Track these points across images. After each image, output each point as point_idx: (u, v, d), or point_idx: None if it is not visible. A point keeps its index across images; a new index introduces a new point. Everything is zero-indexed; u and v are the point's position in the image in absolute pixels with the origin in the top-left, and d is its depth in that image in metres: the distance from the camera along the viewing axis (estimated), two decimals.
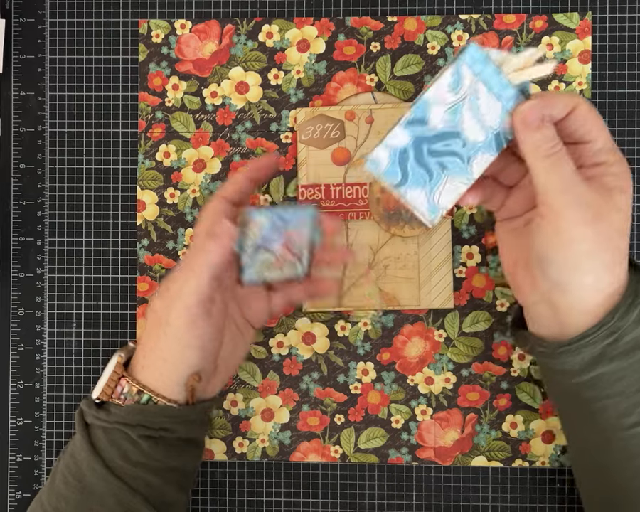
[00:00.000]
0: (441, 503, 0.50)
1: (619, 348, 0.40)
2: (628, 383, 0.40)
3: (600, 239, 0.39)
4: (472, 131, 0.40)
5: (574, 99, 0.40)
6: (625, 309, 0.40)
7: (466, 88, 0.39)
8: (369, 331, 0.51)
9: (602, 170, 0.40)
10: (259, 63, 0.51)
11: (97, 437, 0.44)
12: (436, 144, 0.40)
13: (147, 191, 0.52)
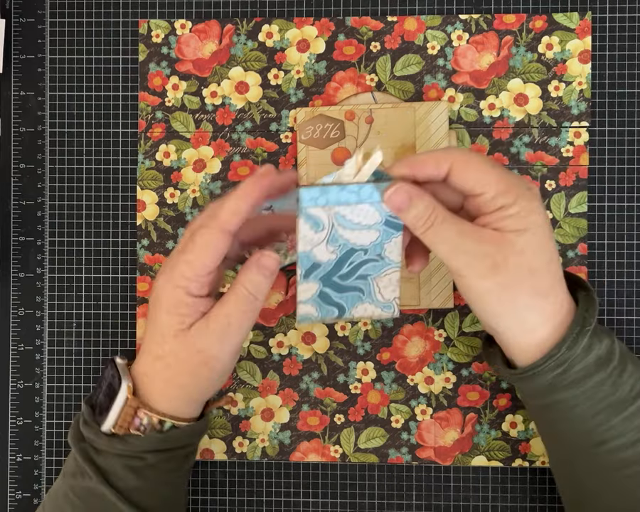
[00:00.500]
0: (441, 503, 0.50)
1: (569, 378, 0.40)
2: (583, 409, 0.41)
3: (505, 287, 0.39)
4: (363, 239, 0.41)
5: (448, 157, 0.39)
6: (572, 340, 0.40)
7: (326, 220, 0.40)
8: (369, 331, 0.51)
9: (500, 215, 0.39)
10: (259, 63, 0.51)
11: (108, 463, 0.42)
12: (342, 269, 0.42)
13: (147, 191, 0.52)
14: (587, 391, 0.40)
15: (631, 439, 0.40)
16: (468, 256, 0.39)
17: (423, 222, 0.39)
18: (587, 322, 0.40)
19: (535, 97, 0.50)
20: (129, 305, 0.52)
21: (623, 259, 0.50)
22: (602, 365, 0.40)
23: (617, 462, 0.41)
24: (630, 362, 0.41)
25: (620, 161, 0.50)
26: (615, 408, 0.40)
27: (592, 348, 0.40)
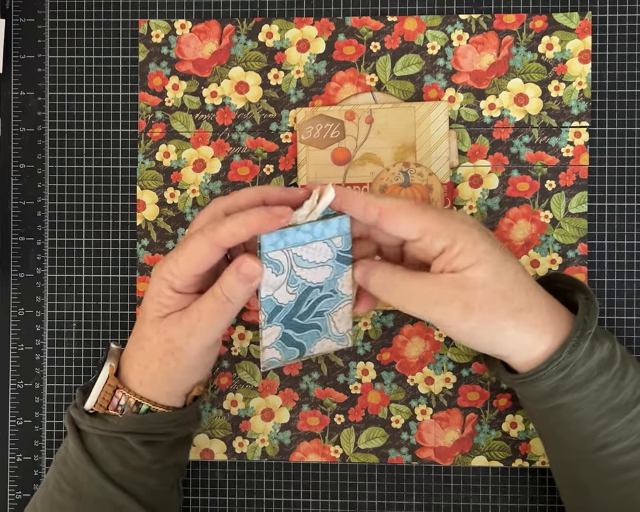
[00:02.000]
0: (441, 503, 0.50)
1: (572, 382, 0.40)
2: (586, 413, 0.41)
3: (486, 320, 0.39)
4: (318, 276, 0.43)
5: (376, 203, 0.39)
6: (574, 344, 0.40)
7: (285, 262, 0.41)
8: (369, 331, 0.51)
9: (447, 257, 0.39)
10: (259, 63, 0.51)
11: (93, 445, 0.44)
12: (301, 309, 0.43)
13: (147, 191, 0.52)
14: (590, 394, 0.40)
15: (632, 442, 0.40)
16: (439, 306, 0.39)
17: (387, 287, 0.41)
18: (588, 325, 0.40)
19: (535, 97, 0.50)
20: (129, 305, 0.52)
21: (623, 259, 0.50)
22: (605, 368, 0.40)
23: (619, 466, 0.41)
24: (631, 364, 0.41)
25: (620, 161, 0.50)
26: (618, 411, 0.40)
27: (594, 351, 0.40)
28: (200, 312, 0.41)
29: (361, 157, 0.50)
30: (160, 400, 0.44)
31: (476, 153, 0.50)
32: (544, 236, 0.50)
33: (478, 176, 0.50)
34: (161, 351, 0.43)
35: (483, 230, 0.41)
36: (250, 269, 0.40)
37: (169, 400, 0.45)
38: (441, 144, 0.50)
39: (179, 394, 0.45)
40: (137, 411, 0.44)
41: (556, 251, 0.50)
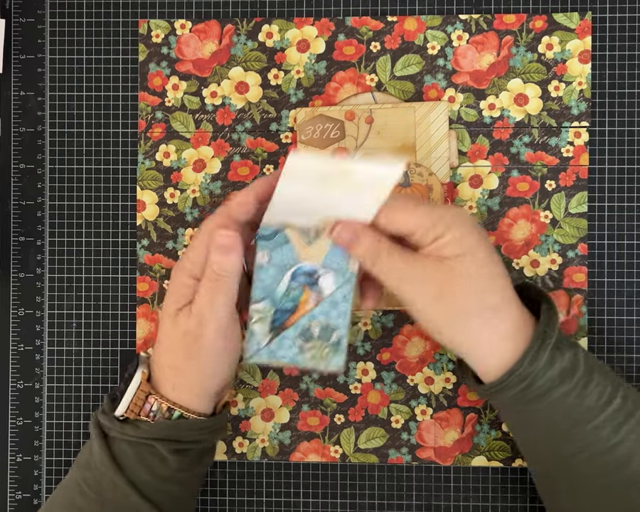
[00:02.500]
0: (441, 503, 0.50)
1: (533, 392, 0.41)
2: (551, 421, 0.41)
3: (455, 310, 0.40)
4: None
5: None
6: (533, 354, 0.40)
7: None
8: (369, 331, 0.51)
9: (436, 245, 0.40)
10: (259, 63, 0.51)
11: (120, 451, 0.43)
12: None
13: (147, 191, 0.52)
14: (554, 403, 0.41)
15: (600, 448, 0.40)
16: (415, 284, 0.40)
17: (370, 255, 0.40)
18: (548, 336, 0.41)
19: (535, 97, 0.50)
20: (129, 305, 0.52)
21: (623, 259, 0.50)
22: (567, 377, 0.41)
23: (590, 472, 0.41)
24: (596, 372, 0.41)
25: (620, 161, 0.50)
26: (583, 418, 0.41)
27: (555, 360, 0.40)
28: (200, 296, 0.42)
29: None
30: (192, 405, 0.44)
31: (476, 153, 0.50)
32: (544, 236, 0.50)
33: (478, 176, 0.50)
34: (183, 345, 0.43)
35: (476, 227, 0.41)
36: (223, 239, 0.41)
37: (200, 406, 0.44)
38: (441, 144, 0.50)
39: (211, 395, 0.45)
40: (169, 417, 0.44)
41: (556, 251, 0.50)
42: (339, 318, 0.43)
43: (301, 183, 0.39)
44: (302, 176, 0.39)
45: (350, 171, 0.38)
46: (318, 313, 0.43)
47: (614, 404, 0.40)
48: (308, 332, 0.43)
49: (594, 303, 0.50)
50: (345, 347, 0.43)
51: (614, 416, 0.40)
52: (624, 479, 0.40)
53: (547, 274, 0.50)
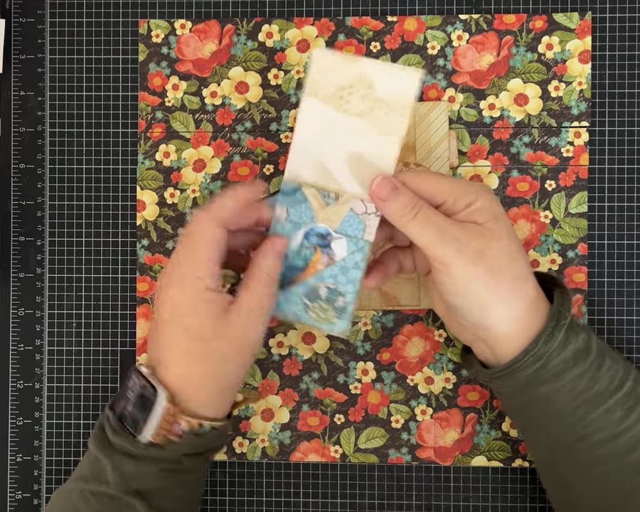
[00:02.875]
0: (441, 503, 0.50)
1: (548, 372, 0.41)
2: (563, 404, 0.41)
3: (492, 272, 0.40)
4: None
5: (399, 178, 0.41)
6: (548, 334, 0.41)
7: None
8: (369, 331, 0.51)
9: (469, 210, 0.41)
10: (259, 63, 0.51)
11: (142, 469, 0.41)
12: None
13: (147, 191, 0.52)
14: (566, 385, 0.41)
15: (611, 432, 0.40)
16: (454, 243, 0.40)
17: (410, 209, 0.40)
18: (563, 316, 0.41)
19: (535, 97, 0.50)
20: (128, 305, 0.52)
21: (623, 259, 0.50)
22: (580, 359, 0.41)
23: (598, 458, 0.41)
24: (608, 356, 0.42)
25: (620, 161, 0.50)
26: (594, 401, 0.41)
27: (569, 341, 0.41)
28: (258, 301, 0.42)
29: None
30: (219, 413, 0.43)
31: (476, 153, 0.50)
32: (544, 236, 0.50)
33: (478, 176, 0.50)
34: (233, 353, 0.42)
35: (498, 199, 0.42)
36: (282, 245, 0.42)
37: (225, 410, 0.43)
38: (441, 144, 0.50)
39: (229, 401, 0.44)
40: (198, 432, 0.42)
41: (556, 251, 0.50)
42: (348, 284, 0.43)
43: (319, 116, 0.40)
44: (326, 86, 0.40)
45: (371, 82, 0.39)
46: (327, 276, 0.43)
47: (626, 388, 0.41)
48: (315, 292, 0.43)
49: (594, 303, 0.50)
50: (350, 314, 0.43)
51: (625, 400, 0.40)
52: (629, 465, 0.40)
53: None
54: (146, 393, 0.42)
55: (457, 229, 0.40)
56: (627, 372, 0.42)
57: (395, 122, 0.40)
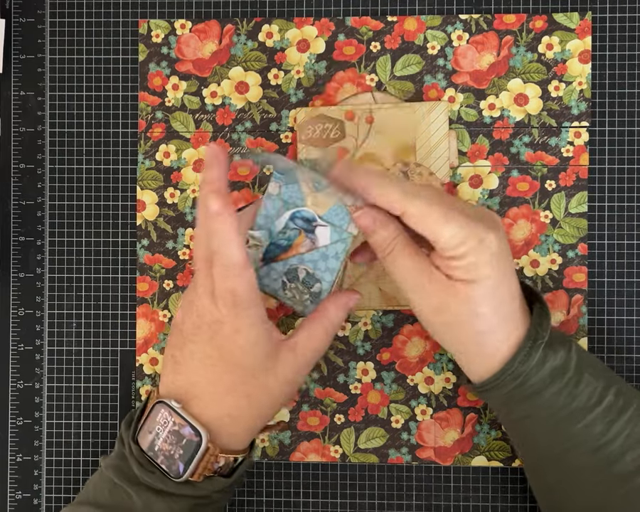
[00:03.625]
0: (441, 503, 0.50)
1: (526, 390, 0.41)
2: (543, 420, 0.41)
3: (451, 326, 0.41)
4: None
5: (402, 203, 0.39)
6: (525, 354, 0.40)
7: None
8: (369, 331, 0.51)
9: (449, 264, 0.39)
10: (259, 63, 0.51)
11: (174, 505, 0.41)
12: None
13: (147, 191, 0.52)
14: (545, 401, 0.41)
15: (592, 446, 0.41)
16: (418, 290, 0.40)
17: (383, 248, 0.41)
18: (540, 336, 0.41)
19: (535, 97, 0.50)
20: (128, 305, 0.52)
21: (623, 259, 0.50)
22: (557, 377, 0.41)
23: (583, 468, 0.41)
24: (587, 371, 0.41)
25: (620, 161, 0.50)
26: (574, 417, 0.41)
27: (547, 359, 0.41)
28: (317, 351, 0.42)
29: (361, 157, 0.50)
30: (247, 444, 0.43)
31: (476, 153, 0.50)
32: (544, 236, 0.50)
33: (478, 176, 0.50)
34: (284, 394, 0.42)
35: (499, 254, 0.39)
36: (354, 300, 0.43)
37: (251, 439, 0.44)
38: (441, 144, 0.50)
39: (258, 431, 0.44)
40: (234, 467, 0.43)
41: (556, 251, 0.50)
42: (325, 272, 0.43)
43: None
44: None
45: None
46: (308, 260, 0.43)
47: (605, 402, 0.41)
48: (295, 272, 0.44)
49: (594, 303, 0.50)
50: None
51: (605, 414, 0.40)
52: (616, 476, 0.40)
53: None
54: (183, 432, 0.40)
55: (424, 279, 0.40)
56: (607, 386, 0.41)
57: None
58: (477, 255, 0.39)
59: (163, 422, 0.41)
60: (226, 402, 0.41)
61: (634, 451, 0.40)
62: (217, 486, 0.42)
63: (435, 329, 0.42)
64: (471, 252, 0.38)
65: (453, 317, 0.40)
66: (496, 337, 0.41)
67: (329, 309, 0.42)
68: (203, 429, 0.40)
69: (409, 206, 0.38)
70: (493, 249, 0.39)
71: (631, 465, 0.40)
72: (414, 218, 0.39)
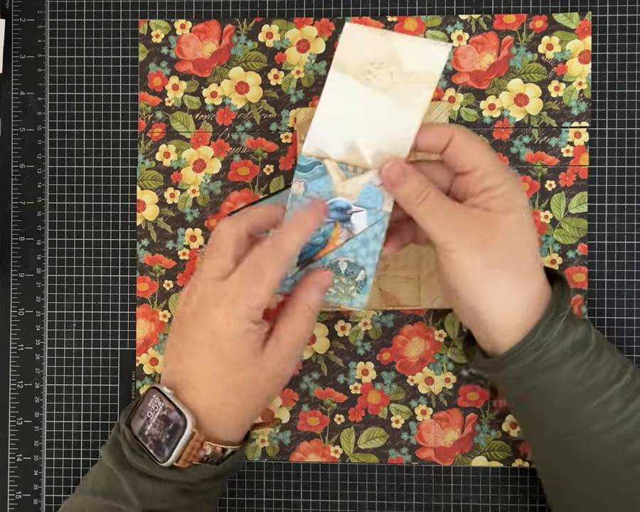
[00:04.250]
0: (441, 503, 0.50)
1: (545, 362, 0.41)
2: (560, 394, 0.41)
3: (492, 263, 0.40)
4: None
5: (448, 130, 0.40)
6: (547, 324, 0.40)
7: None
8: (369, 331, 0.51)
9: (487, 195, 0.40)
10: (259, 63, 0.51)
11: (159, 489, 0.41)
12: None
13: (147, 191, 0.52)
14: (565, 375, 0.41)
15: (607, 424, 0.40)
16: (458, 230, 0.40)
17: (417, 195, 0.40)
18: (562, 308, 0.41)
19: (535, 97, 0.50)
20: (128, 305, 0.52)
21: (623, 259, 0.50)
22: (579, 350, 0.41)
23: (594, 450, 0.41)
24: (606, 348, 0.42)
25: (620, 161, 0.50)
26: (592, 393, 0.41)
27: (568, 332, 0.41)
28: (298, 335, 0.42)
29: None
30: (240, 437, 0.43)
31: None
32: (544, 236, 0.50)
33: None
34: (270, 385, 0.42)
35: (524, 192, 0.42)
36: (329, 280, 0.42)
37: (242, 435, 0.44)
38: None
39: (250, 424, 0.44)
40: (222, 457, 0.42)
41: (556, 251, 0.50)
42: (368, 257, 0.42)
43: (345, 89, 0.40)
44: (354, 60, 0.40)
45: (400, 58, 0.39)
46: (348, 250, 0.42)
47: (624, 380, 0.41)
48: (336, 267, 0.43)
49: (594, 303, 0.50)
50: (369, 287, 0.43)
51: (623, 391, 0.41)
52: (627, 458, 0.40)
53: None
54: (170, 417, 0.41)
55: (463, 217, 0.40)
56: (625, 365, 0.42)
57: (419, 95, 0.40)
58: (513, 185, 0.40)
59: (154, 408, 0.42)
60: (216, 391, 0.41)
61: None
62: (204, 473, 0.42)
63: (472, 278, 0.40)
64: (507, 182, 0.40)
65: (494, 254, 0.40)
66: (533, 284, 0.41)
67: (301, 293, 0.42)
68: (189, 413, 0.40)
69: (455, 132, 0.40)
70: (522, 184, 0.42)
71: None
72: (460, 142, 0.40)
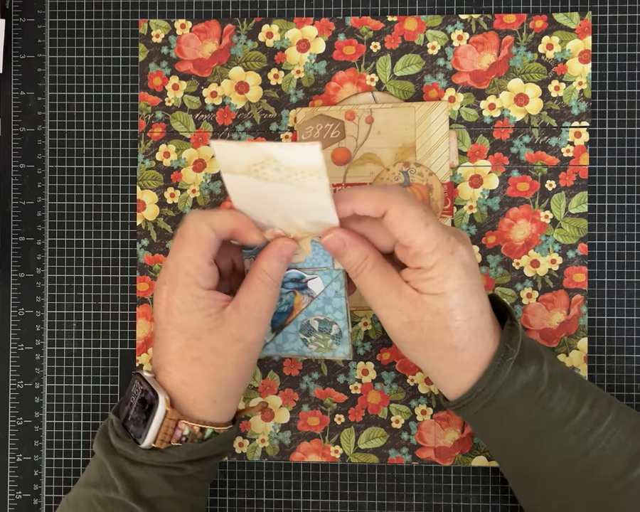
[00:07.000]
0: (441, 503, 0.50)
1: (497, 406, 0.41)
2: (515, 435, 0.42)
3: (420, 342, 0.41)
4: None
5: (383, 203, 0.39)
6: (494, 372, 0.40)
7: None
8: (369, 331, 0.51)
9: (418, 275, 0.40)
10: (259, 63, 0.51)
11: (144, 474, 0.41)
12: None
13: (147, 191, 0.52)
14: (517, 417, 0.41)
15: (567, 458, 0.41)
16: (388, 308, 0.41)
17: (355, 268, 0.41)
18: (510, 353, 0.41)
19: (535, 97, 0.50)
20: (129, 305, 0.52)
21: (623, 259, 0.50)
22: (529, 392, 0.41)
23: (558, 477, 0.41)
24: (561, 384, 0.41)
25: (620, 161, 0.50)
26: (547, 431, 0.41)
27: (517, 376, 0.41)
28: (259, 303, 0.41)
29: (361, 157, 0.50)
30: (223, 418, 0.43)
31: (476, 153, 0.50)
32: (544, 236, 0.50)
33: (479, 176, 0.50)
34: (234, 354, 0.41)
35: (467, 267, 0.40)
36: (290, 249, 0.42)
37: (228, 416, 0.43)
38: (441, 144, 0.50)
39: (235, 405, 0.44)
40: (202, 437, 0.42)
41: (556, 251, 0.50)
42: (335, 312, 0.44)
43: (244, 184, 0.39)
44: (237, 165, 0.39)
45: (277, 159, 0.37)
46: (314, 309, 0.44)
47: (580, 415, 0.40)
48: (309, 326, 0.45)
49: (594, 303, 0.50)
50: (347, 338, 0.44)
51: (580, 426, 0.40)
52: (592, 486, 0.41)
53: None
54: (147, 398, 0.41)
55: (393, 295, 0.40)
56: (581, 399, 0.41)
57: (316, 182, 0.38)
58: (447, 267, 0.39)
59: (135, 392, 0.42)
60: (181, 367, 0.41)
61: (609, 462, 0.40)
62: (185, 453, 0.41)
63: (407, 347, 0.42)
64: (441, 263, 0.39)
65: (423, 333, 0.40)
66: (468, 353, 0.40)
67: (260, 261, 0.42)
68: (161, 392, 0.41)
69: (391, 205, 0.39)
70: (463, 261, 0.40)
71: (605, 476, 0.40)
72: (395, 218, 0.39)
